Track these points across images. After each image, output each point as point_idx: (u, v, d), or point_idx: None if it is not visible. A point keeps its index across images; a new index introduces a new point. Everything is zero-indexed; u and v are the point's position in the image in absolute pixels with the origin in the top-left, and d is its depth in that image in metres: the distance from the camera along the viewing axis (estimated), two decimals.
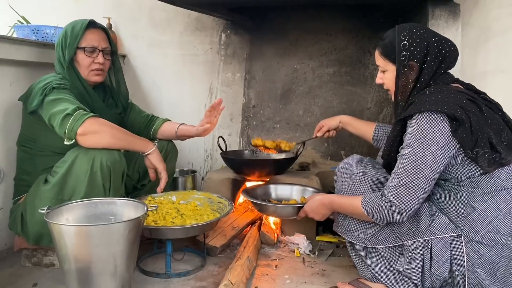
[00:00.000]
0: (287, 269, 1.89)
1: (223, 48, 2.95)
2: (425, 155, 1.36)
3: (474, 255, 1.37)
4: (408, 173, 1.38)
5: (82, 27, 1.86)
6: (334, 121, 2.07)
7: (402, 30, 1.50)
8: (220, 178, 2.43)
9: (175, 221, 1.82)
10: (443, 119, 1.36)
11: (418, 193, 1.38)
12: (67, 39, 1.85)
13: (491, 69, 2.48)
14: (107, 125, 1.70)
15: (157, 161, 1.85)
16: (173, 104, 3.03)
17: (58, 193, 1.68)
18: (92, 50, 1.88)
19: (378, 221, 1.46)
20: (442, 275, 1.39)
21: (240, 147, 2.94)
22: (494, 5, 2.44)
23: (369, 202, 1.46)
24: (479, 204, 1.38)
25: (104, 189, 1.68)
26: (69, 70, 1.85)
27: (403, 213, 1.40)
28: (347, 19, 2.79)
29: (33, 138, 1.84)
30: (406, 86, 1.51)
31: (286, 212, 1.97)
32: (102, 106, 1.96)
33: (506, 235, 1.37)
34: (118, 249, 1.44)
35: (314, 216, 1.77)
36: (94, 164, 1.63)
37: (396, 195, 1.39)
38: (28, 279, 1.74)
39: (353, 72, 2.82)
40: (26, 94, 1.85)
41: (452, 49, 1.49)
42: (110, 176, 1.67)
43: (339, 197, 1.65)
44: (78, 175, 1.65)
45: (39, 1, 3.01)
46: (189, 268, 1.87)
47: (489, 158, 1.35)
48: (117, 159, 1.69)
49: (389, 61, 1.54)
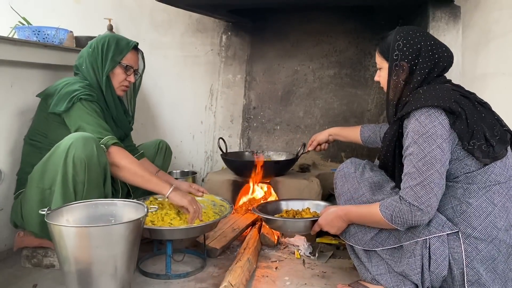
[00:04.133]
0: (287, 271, 1.89)
1: (224, 50, 2.96)
2: (432, 149, 1.36)
3: (472, 251, 1.37)
4: (421, 171, 1.37)
5: (129, 46, 1.97)
6: (323, 135, 2.12)
7: (401, 31, 1.54)
8: (220, 179, 2.43)
9: (173, 222, 1.82)
10: (441, 113, 1.37)
11: (435, 190, 1.36)
12: (110, 51, 1.93)
13: (491, 71, 2.48)
14: (128, 160, 1.77)
15: (179, 200, 1.81)
16: (173, 105, 3.04)
17: (39, 181, 1.70)
18: (129, 69, 1.98)
19: (400, 226, 1.41)
20: (441, 273, 1.39)
21: (241, 148, 2.94)
22: (494, 7, 2.44)
23: (388, 207, 1.42)
24: (474, 200, 1.38)
25: (76, 183, 1.63)
26: (106, 81, 1.93)
27: (425, 213, 1.36)
28: (348, 21, 2.79)
29: (45, 133, 1.87)
30: (397, 85, 1.53)
31: (299, 227, 1.85)
32: (123, 116, 2.07)
33: (503, 229, 1.38)
34: (119, 250, 1.44)
35: (330, 229, 1.67)
36: (68, 156, 1.61)
37: (414, 196, 1.37)
38: (28, 280, 1.74)
39: (353, 74, 2.82)
40: (47, 93, 1.89)
41: (446, 54, 1.51)
42: (84, 170, 1.62)
43: (355, 207, 1.58)
44: (56, 164, 1.64)
45: (40, 2, 3.02)
46: (189, 269, 1.87)
47: (485, 150, 1.37)
48: (93, 153, 1.63)
49: (384, 59, 1.58)
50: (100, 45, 1.93)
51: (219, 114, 2.99)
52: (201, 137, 3.04)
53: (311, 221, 1.77)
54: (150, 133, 3.01)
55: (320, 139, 2.12)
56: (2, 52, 1.94)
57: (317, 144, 2.14)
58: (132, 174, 1.78)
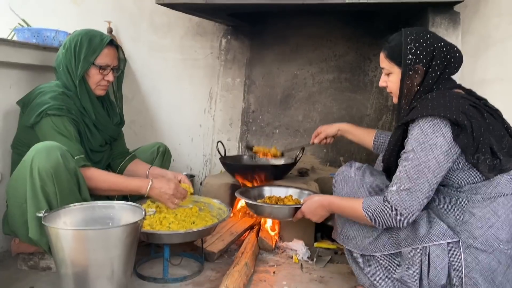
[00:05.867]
0: (285, 276, 1.88)
1: (224, 53, 2.96)
2: (428, 160, 1.36)
3: (472, 261, 1.36)
4: (411, 178, 1.37)
5: (102, 44, 1.84)
6: (333, 128, 2.01)
7: (409, 33, 1.50)
8: (218, 183, 2.43)
9: (172, 226, 1.81)
10: (446, 124, 1.36)
11: (421, 198, 1.38)
12: (82, 51, 1.82)
13: (490, 77, 2.49)
14: (95, 181, 1.74)
15: (157, 197, 1.84)
16: (172, 108, 3.03)
17: (14, 196, 1.67)
18: (105, 68, 1.87)
19: (378, 225, 1.45)
20: (440, 282, 1.39)
21: (239, 152, 2.94)
22: (493, 13, 2.45)
23: (371, 206, 1.45)
24: (478, 210, 1.37)
25: (47, 194, 1.58)
26: (80, 84, 1.84)
27: (405, 218, 1.39)
28: (347, 25, 2.79)
29: (27, 144, 1.80)
30: (411, 90, 1.50)
31: (282, 213, 1.89)
32: (106, 119, 1.98)
33: (504, 241, 1.36)
34: (116, 253, 1.44)
35: (312, 217, 1.72)
36: (32, 169, 1.56)
37: (398, 200, 1.39)
38: (25, 283, 1.73)
39: (353, 78, 2.82)
40: (24, 101, 1.84)
41: (458, 54, 1.49)
42: (52, 180, 1.57)
43: (338, 199, 1.63)
44: (23, 178, 1.60)
45: (40, 4, 3.01)
46: (186, 273, 1.86)
47: (490, 164, 1.35)
48: (59, 162, 1.57)
49: (394, 64, 1.53)
50: (73, 45, 1.83)
51: (218, 117, 2.98)
52: (199, 140, 3.04)
53: (294, 208, 1.80)
54: (148, 135, 3.01)
55: (329, 132, 2.02)
56: (1, 54, 1.94)
57: (324, 137, 2.04)
58: (106, 190, 1.79)
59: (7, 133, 2.00)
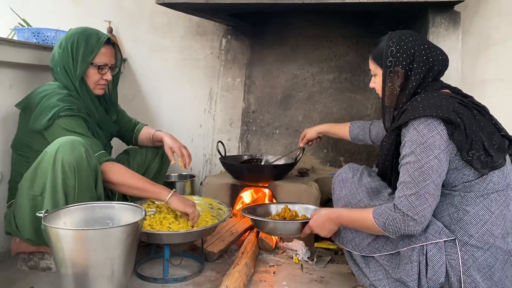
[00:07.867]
0: (285, 276, 1.88)
1: (224, 53, 2.96)
2: (429, 160, 1.35)
3: (469, 258, 1.36)
4: (417, 181, 1.36)
5: (99, 43, 1.83)
6: (312, 133, 2.20)
7: (393, 36, 1.52)
8: (218, 183, 2.43)
9: (172, 226, 1.81)
10: (440, 123, 1.36)
11: (430, 201, 1.36)
12: (79, 51, 1.81)
13: (490, 77, 2.49)
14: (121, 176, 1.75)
15: (177, 205, 1.79)
16: (173, 108, 3.03)
17: (29, 189, 1.67)
18: (103, 67, 1.87)
19: (392, 234, 1.40)
20: (438, 280, 1.39)
21: (239, 152, 2.94)
22: (494, 13, 2.45)
23: (382, 214, 1.41)
24: (471, 208, 1.38)
25: (66, 187, 1.60)
26: (80, 85, 1.84)
27: (418, 223, 1.35)
28: (347, 25, 2.79)
29: (29, 145, 1.82)
30: (392, 92, 1.52)
31: (289, 229, 1.80)
32: (106, 118, 1.98)
33: (499, 237, 1.37)
34: (116, 253, 1.44)
35: (320, 232, 1.65)
36: (56, 160, 1.57)
37: (408, 205, 1.36)
38: (25, 283, 1.73)
39: (353, 78, 2.82)
40: (26, 103, 1.83)
41: (441, 57, 1.49)
42: (74, 174, 1.58)
43: (347, 211, 1.58)
44: (45, 170, 1.61)
45: (40, 4, 3.02)
46: (186, 273, 1.86)
47: (483, 161, 1.36)
48: (82, 156, 1.59)
49: (377, 65, 1.57)
50: (70, 45, 1.81)
51: (218, 117, 2.98)
52: (200, 141, 3.03)
53: (301, 223, 1.74)
54: None
55: (309, 136, 2.21)
56: (2, 54, 1.93)
57: (307, 141, 2.23)
58: (127, 188, 1.77)
59: (7, 133, 2.00)
